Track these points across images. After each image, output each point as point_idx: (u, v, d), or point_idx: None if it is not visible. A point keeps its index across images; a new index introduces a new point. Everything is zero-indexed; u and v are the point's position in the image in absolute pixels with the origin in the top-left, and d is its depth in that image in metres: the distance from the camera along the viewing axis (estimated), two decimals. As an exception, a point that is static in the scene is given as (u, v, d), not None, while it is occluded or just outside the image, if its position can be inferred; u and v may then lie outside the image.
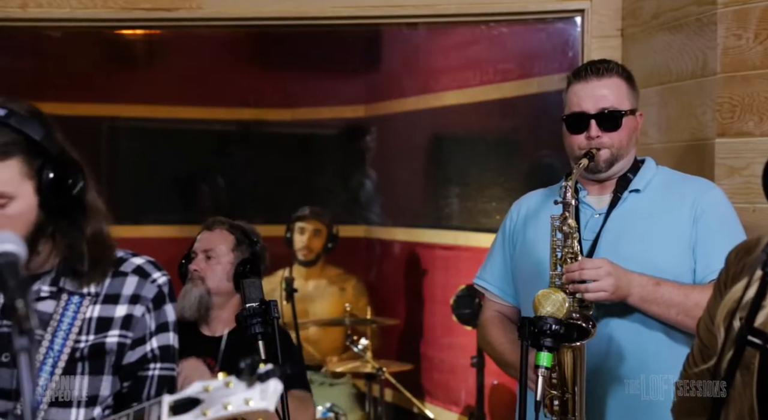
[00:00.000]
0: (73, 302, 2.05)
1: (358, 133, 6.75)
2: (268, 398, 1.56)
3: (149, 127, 6.73)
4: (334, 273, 5.71)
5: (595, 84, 2.72)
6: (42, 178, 1.98)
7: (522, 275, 2.83)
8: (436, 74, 6.08)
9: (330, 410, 5.12)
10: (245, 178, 6.76)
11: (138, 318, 2.08)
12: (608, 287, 2.50)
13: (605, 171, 2.72)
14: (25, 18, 3.94)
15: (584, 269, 2.51)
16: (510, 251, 2.89)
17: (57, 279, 2.06)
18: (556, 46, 4.91)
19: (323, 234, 5.58)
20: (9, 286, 1.54)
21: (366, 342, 5.04)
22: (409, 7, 3.93)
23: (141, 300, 2.09)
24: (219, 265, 3.28)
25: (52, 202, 1.99)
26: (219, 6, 3.94)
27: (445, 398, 5.83)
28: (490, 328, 2.91)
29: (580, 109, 2.71)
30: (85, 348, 2.03)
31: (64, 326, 2.02)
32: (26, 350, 1.50)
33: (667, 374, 2.60)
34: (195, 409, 1.61)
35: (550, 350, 2.32)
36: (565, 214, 2.58)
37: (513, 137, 5.76)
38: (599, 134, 2.69)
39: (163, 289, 2.14)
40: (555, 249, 2.60)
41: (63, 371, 2.01)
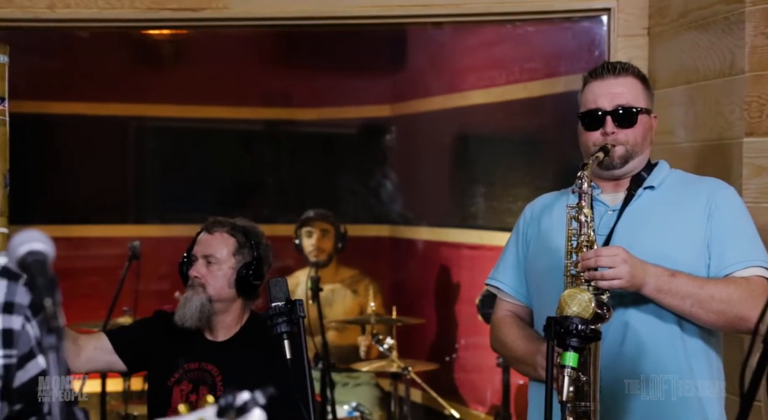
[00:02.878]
0: None
1: (384, 132, 6.76)
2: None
3: (176, 126, 6.77)
4: (347, 275, 5.68)
5: (612, 82, 2.73)
6: None
7: (536, 270, 2.83)
8: (461, 73, 6.07)
9: (355, 409, 5.13)
10: (271, 178, 6.79)
11: (18, 332, 1.79)
12: (624, 274, 2.50)
13: (620, 167, 2.73)
14: (54, 19, 3.97)
15: (600, 256, 2.51)
16: (523, 251, 2.89)
17: None
18: (582, 45, 4.90)
19: (331, 234, 5.54)
20: (38, 284, 1.55)
21: (392, 341, 5.04)
22: (435, 6, 3.93)
23: (16, 308, 1.79)
24: (220, 270, 3.15)
25: None
26: (245, 6, 3.95)
27: (471, 398, 5.82)
28: (503, 327, 2.90)
29: (596, 106, 2.73)
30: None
31: None
32: (55, 348, 1.51)
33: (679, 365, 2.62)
34: None
35: (576, 350, 2.32)
36: (581, 203, 2.59)
37: (539, 136, 5.75)
38: (615, 130, 2.70)
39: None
40: (570, 238, 2.60)
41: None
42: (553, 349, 2.36)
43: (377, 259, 6.56)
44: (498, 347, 2.96)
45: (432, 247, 6.29)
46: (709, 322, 2.60)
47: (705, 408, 2.64)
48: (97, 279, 5.94)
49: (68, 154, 6.34)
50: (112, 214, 6.59)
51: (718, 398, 2.68)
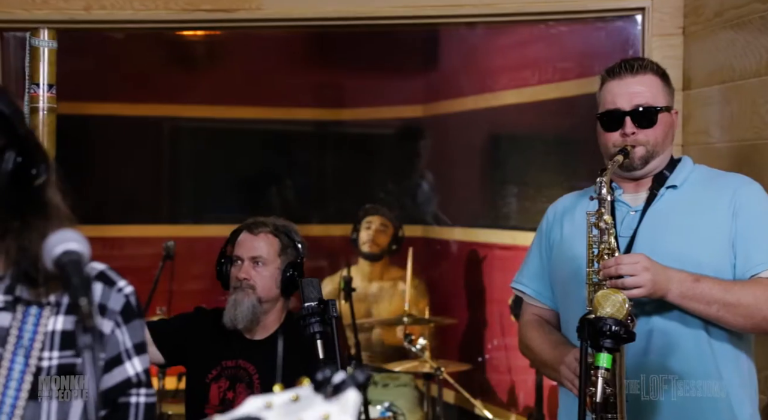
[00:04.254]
0: (31, 314, 1.78)
1: (416, 132, 6.75)
2: (348, 411, 1.40)
3: (209, 127, 6.80)
4: (397, 274, 5.71)
5: (630, 81, 2.69)
6: (4, 157, 1.73)
7: (559, 275, 2.81)
8: (494, 73, 6.06)
9: (388, 409, 5.13)
10: (303, 178, 6.81)
11: (108, 335, 1.79)
12: (645, 282, 2.46)
13: (640, 168, 2.70)
14: (89, 20, 4.00)
15: (621, 264, 2.48)
16: (546, 253, 2.87)
17: (12, 287, 1.78)
18: (615, 45, 4.86)
19: (389, 231, 5.58)
20: (73, 284, 1.56)
21: (424, 342, 5.04)
22: (467, 6, 3.92)
23: (108, 312, 1.80)
24: (267, 271, 3.18)
25: (8, 190, 1.73)
26: (278, 7, 3.96)
27: (504, 399, 5.81)
28: (529, 331, 2.88)
29: (615, 106, 2.69)
30: (51, 367, 1.77)
31: (24, 342, 1.76)
32: (90, 348, 1.52)
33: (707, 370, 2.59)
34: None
35: (609, 351, 2.31)
36: (600, 210, 2.56)
37: (572, 136, 5.72)
38: (634, 131, 2.66)
39: (130, 299, 1.84)
40: (591, 245, 2.58)
41: (28, 395, 1.75)
42: (586, 350, 2.35)
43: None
44: (525, 351, 2.95)
45: (464, 248, 6.28)
46: (736, 325, 2.56)
47: (735, 412, 2.61)
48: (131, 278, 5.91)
49: (103, 155, 6.39)
50: (146, 214, 6.63)
51: (749, 401, 2.65)
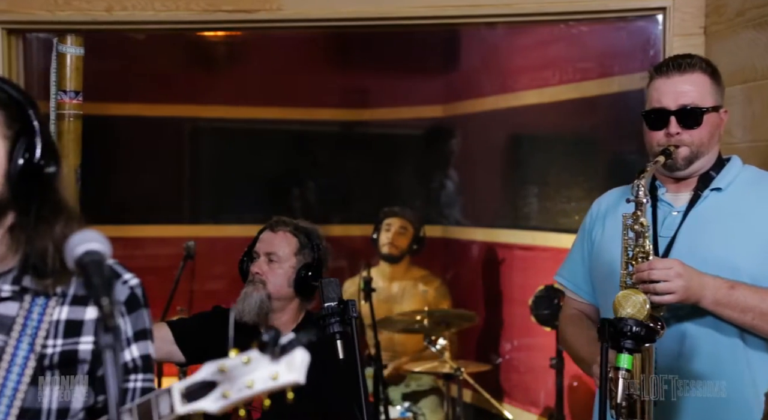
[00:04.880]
0: (38, 303, 1.86)
1: (437, 133, 6.75)
2: (296, 370, 1.47)
3: (230, 127, 6.82)
4: (418, 274, 5.71)
5: (677, 79, 2.65)
6: (17, 144, 1.83)
7: (597, 273, 2.80)
8: (514, 74, 6.05)
9: (408, 410, 5.13)
10: (324, 178, 6.81)
11: None
12: (677, 289, 2.45)
13: (684, 169, 2.66)
14: (111, 21, 4.02)
15: (653, 269, 2.46)
16: (588, 249, 2.86)
17: (19, 277, 1.86)
18: (636, 45, 4.85)
19: (409, 233, 5.58)
20: (94, 283, 1.57)
21: (444, 342, 5.04)
22: (487, 6, 3.91)
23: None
24: (281, 268, 3.21)
25: (20, 178, 1.82)
26: (298, 7, 3.97)
27: (524, 399, 5.80)
28: (568, 326, 2.89)
29: (660, 105, 2.65)
30: (54, 354, 1.85)
31: (29, 330, 1.84)
32: (111, 347, 1.52)
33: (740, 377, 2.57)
34: (212, 393, 1.52)
35: (630, 352, 2.30)
36: (637, 213, 2.54)
37: (592, 137, 5.70)
38: (679, 131, 2.63)
39: (135, 291, 1.92)
40: (626, 248, 2.56)
41: (30, 380, 1.83)
42: (606, 351, 2.34)
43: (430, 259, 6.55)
44: (563, 345, 2.96)
45: (485, 248, 6.28)
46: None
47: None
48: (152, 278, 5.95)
49: (124, 155, 6.41)
50: (167, 214, 6.65)
51: None
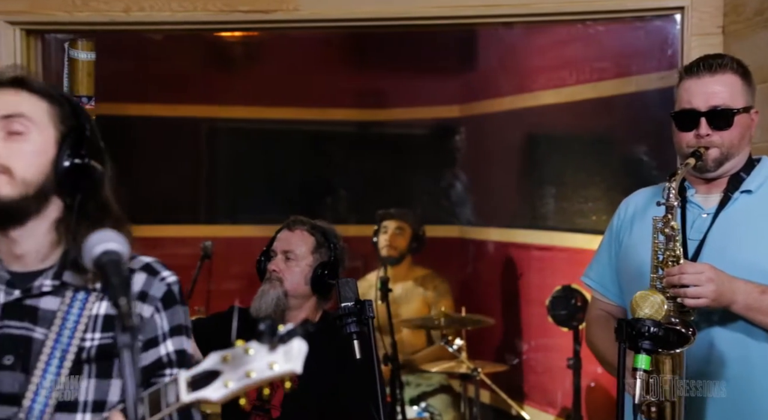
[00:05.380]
0: (78, 298, 1.92)
1: (453, 133, 6.74)
2: (293, 360, 1.51)
3: (247, 127, 6.83)
4: (420, 274, 5.68)
5: (708, 80, 2.63)
6: (67, 136, 1.93)
7: (625, 275, 2.78)
8: (531, 74, 6.04)
9: (425, 410, 5.13)
10: (340, 178, 6.81)
11: (147, 319, 1.93)
12: (708, 293, 2.43)
13: (714, 170, 2.64)
14: (128, 22, 4.03)
15: (684, 274, 2.45)
16: (616, 249, 2.84)
17: (60, 272, 1.93)
18: (654, 44, 4.83)
19: (407, 233, 5.55)
20: (112, 283, 1.58)
21: (461, 342, 5.03)
22: (504, 6, 3.91)
23: (149, 299, 1.95)
24: (298, 267, 3.23)
25: (66, 169, 1.91)
26: (315, 7, 3.97)
27: (541, 400, 5.79)
28: (594, 327, 2.88)
29: (690, 106, 2.63)
30: (92, 348, 1.90)
31: (69, 324, 1.90)
32: (129, 347, 1.53)
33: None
34: (215, 382, 1.55)
35: (648, 353, 2.29)
36: (667, 216, 2.53)
37: (610, 137, 5.68)
38: (709, 132, 2.60)
39: (172, 288, 1.99)
40: (656, 251, 2.55)
41: (69, 373, 1.87)
42: (624, 352, 2.33)
43: (446, 259, 6.54)
44: (590, 346, 2.94)
45: (501, 248, 6.27)
46: None
47: None
48: (169, 278, 6.00)
49: (142, 155, 6.43)
50: (184, 215, 6.67)
51: None
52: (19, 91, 1.94)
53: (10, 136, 1.89)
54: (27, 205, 1.89)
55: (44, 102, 1.94)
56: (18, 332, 1.91)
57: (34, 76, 1.99)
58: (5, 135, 1.89)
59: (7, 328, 1.92)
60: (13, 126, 1.89)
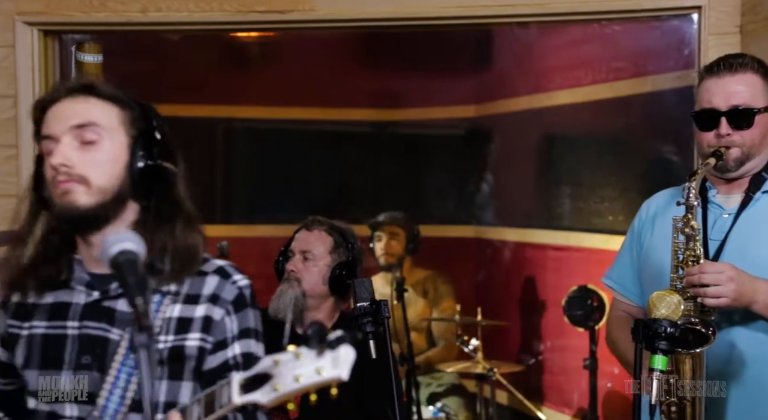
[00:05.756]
0: (153, 301, 1.95)
1: (469, 133, 6.74)
2: (340, 366, 1.51)
3: (263, 127, 6.84)
4: (421, 276, 5.63)
5: (728, 80, 2.62)
6: (138, 141, 1.97)
7: (646, 275, 2.77)
8: (547, 73, 6.03)
9: (441, 410, 5.13)
10: (356, 178, 6.82)
11: (217, 321, 1.98)
12: (729, 293, 2.42)
13: (735, 170, 2.63)
14: (146, 22, 4.05)
15: (704, 273, 2.44)
16: (637, 250, 2.83)
17: None
18: (671, 44, 4.81)
19: (401, 237, 5.51)
20: (129, 283, 1.59)
21: (477, 343, 5.03)
22: (520, 6, 3.90)
23: (220, 301, 1.99)
24: (316, 267, 3.25)
25: (140, 172, 1.95)
26: (331, 8, 3.98)
27: (558, 400, 5.78)
28: (614, 328, 2.88)
29: (711, 105, 2.62)
30: (164, 350, 1.94)
31: None
32: (146, 347, 1.54)
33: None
34: (266, 385, 1.57)
35: (664, 353, 2.28)
36: (687, 216, 2.52)
37: (626, 137, 5.67)
38: (729, 132, 2.59)
39: (244, 291, 2.02)
40: (677, 251, 2.54)
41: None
42: (640, 353, 2.33)
43: (462, 260, 6.54)
44: (610, 346, 2.93)
45: (517, 249, 6.26)
46: None
47: None
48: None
49: (159, 155, 6.45)
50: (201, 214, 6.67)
51: None
52: (88, 98, 1.98)
53: (84, 146, 1.93)
54: (104, 211, 1.94)
55: (114, 107, 1.98)
56: (95, 333, 1.95)
57: (103, 82, 2.03)
58: (79, 144, 1.93)
59: (86, 328, 1.97)
60: (86, 135, 1.93)
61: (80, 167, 1.91)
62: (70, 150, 1.92)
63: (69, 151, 1.92)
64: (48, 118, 1.98)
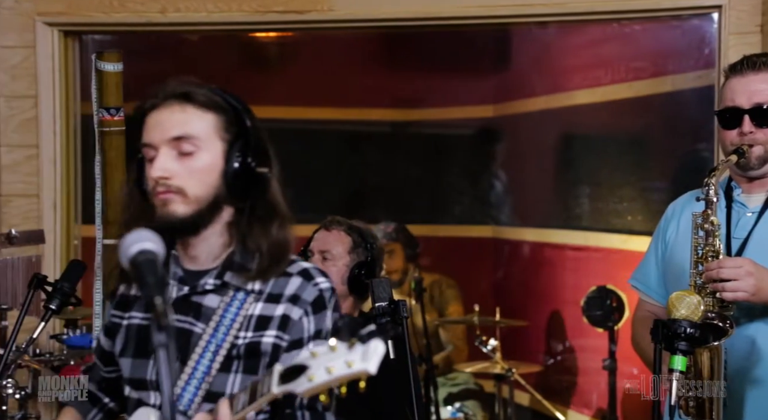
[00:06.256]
0: (237, 298, 2.02)
1: (487, 133, 6.73)
2: (369, 359, 1.54)
3: (281, 127, 6.84)
4: (428, 281, 5.51)
5: (751, 78, 2.62)
6: (234, 146, 2.01)
7: (670, 275, 2.77)
8: (566, 73, 6.01)
9: (459, 410, 5.12)
10: (375, 178, 6.82)
11: (295, 321, 2.01)
12: (748, 288, 2.42)
13: (758, 168, 2.62)
14: (165, 22, 4.07)
15: (723, 268, 2.44)
16: (662, 250, 2.83)
17: (222, 273, 2.04)
18: (691, 43, 4.80)
19: (398, 251, 5.43)
20: (148, 282, 1.59)
21: (495, 343, 5.02)
22: (539, 6, 3.90)
23: (300, 302, 2.02)
24: (335, 267, 3.22)
25: (235, 176, 2.00)
26: (349, 8, 3.98)
27: (577, 401, 5.76)
28: (639, 328, 2.87)
29: (734, 103, 2.62)
30: (242, 345, 2.00)
31: (226, 321, 2.00)
32: (165, 346, 1.54)
33: None
34: (302, 376, 1.61)
35: (684, 354, 2.27)
36: (707, 212, 2.52)
37: (645, 136, 5.65)
38: (752, 130, 2.59)
39: (324, 294, 2.04)
40: (696, 247, 2.54)
41: (220, 367, 1.99)
42: (660, 353, 2.32)
43: (480, 260, 6.53)
44: (635, 347, 2.93)
45: (536, 248, 6.24)
46: None
47: None
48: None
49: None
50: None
51: None
52: (185, 107, 2.02)
53: (181, 156, 1.98)
54: (201, 218, 2.00)
55: (210, 114, 2.03)
56: (181, 325, 2.02)
57: (197, 87, 2.06)
58: (177, 155, 1.98)
59: (174, 321, 2.01)
60: (184, 147, 1.98)
61: (178, 178, 1.97)
62: (168, 160, 1.98)
63: (167, 161, 1.98)
64: (148, 125, 2.03)
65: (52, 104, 4.08)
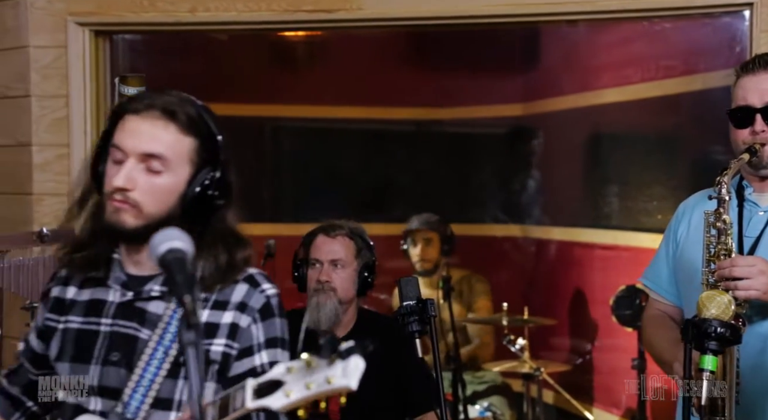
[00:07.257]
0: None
1: (516, 131, 6.71)
2: (349, 376, 1.54)
3: (310, 126, 6.86)
4: (457, 277, 5.56)
5: (763, 77, 2.61)
6: (200, 172, 2.00)
7: (681, 274, 2.76)
8: (596, 71, 5.99)
9: (487, 409, 5.12)
10: (403, 177, 6.81)
11: (243, 328, 2.02)
12: (760, 286, 2.41)
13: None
14: (194, 22, 4.08)
15: (735, 266, 2.43)
16: (673, 249, 2.82)
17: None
18: (722, 41, 4.76)
19: (436, 241, 5.44)
20: (177, 281, 1.60)
21: (523, 342, 5.01)
22: (569, 4, 3.88)
23: (247, 309, 2.02)
24: (346, 273, 3.26)
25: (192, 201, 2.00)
26: (378, 7, 3.98)
27: (606, 400, 5.74)
28: (650, 327, 2.86)
29: (746, 102, 2.62)
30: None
31: (172, 328, 1.99)
32: (194, 344, 1.55)
33: None
34: (278, 392, 1.61)
35: (714, 353, 2.26)
36: (719, 210, 2.51)
37: (675, 135, 5.62)
38: (764, 129, 2.58)
39: (271, 300, 2.06)
40: (708, 245, 2.53)
41: (167, 373, 1.98)
42: (690, 353, 2.31)
43: (508, 259, 6.51)
44: (646, 346, 2.93)
45: (565, 248, 6.22)
46: None
47: None
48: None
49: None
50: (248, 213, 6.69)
51: None
52: (168, 125, 2.00)
53: (148, 172, 1.98)
54: (149, 232, 1.94)
55: (189, 138, 2.02)
56: (126, 331, 2.02)
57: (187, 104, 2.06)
58: (144, 168, 1.98)
59: (118, 326, 2.04)
60: (153, 165, 1.98)
61: (138, 192, 1.96)
62: (134, 172, 1.97)
63: (132, 172, 1.97)
64: (125, 128, 2.01)
65: (83, 104, 4.10)
